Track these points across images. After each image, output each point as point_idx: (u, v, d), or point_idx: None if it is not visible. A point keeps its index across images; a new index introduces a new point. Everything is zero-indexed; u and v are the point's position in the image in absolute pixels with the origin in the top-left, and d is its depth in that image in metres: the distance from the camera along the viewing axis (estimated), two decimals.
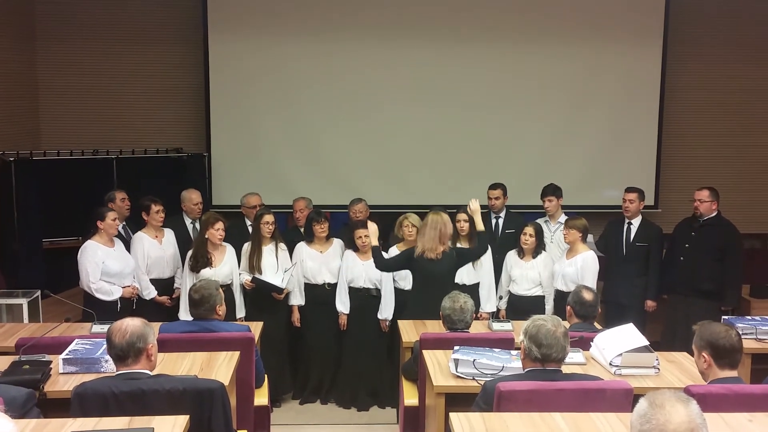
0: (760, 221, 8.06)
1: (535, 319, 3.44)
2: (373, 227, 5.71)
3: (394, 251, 6.03)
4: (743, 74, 8.12)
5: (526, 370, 3.47)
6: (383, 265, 5.71)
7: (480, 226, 5.73)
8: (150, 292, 5.99)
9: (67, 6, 7.81)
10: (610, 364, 4.08)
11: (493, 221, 6.71)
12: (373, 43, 7.81)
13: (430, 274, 5.46)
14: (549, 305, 6.09)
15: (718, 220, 6.33)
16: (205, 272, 5.73)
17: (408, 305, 5.73)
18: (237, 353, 4.16)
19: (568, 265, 5.96)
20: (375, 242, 5.66)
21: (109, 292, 5.65)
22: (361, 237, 5.96)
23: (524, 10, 7.80)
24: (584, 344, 4.31)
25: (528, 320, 3.50)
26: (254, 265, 5.96)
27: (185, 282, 5.84)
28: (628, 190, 6.54)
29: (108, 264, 5.64)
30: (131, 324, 3.30)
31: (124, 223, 6.33)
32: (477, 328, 5.02)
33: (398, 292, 6.03)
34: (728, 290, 6.30)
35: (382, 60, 7.82)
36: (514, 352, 4.02)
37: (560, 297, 5.81)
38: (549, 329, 3.37)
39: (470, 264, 5.99)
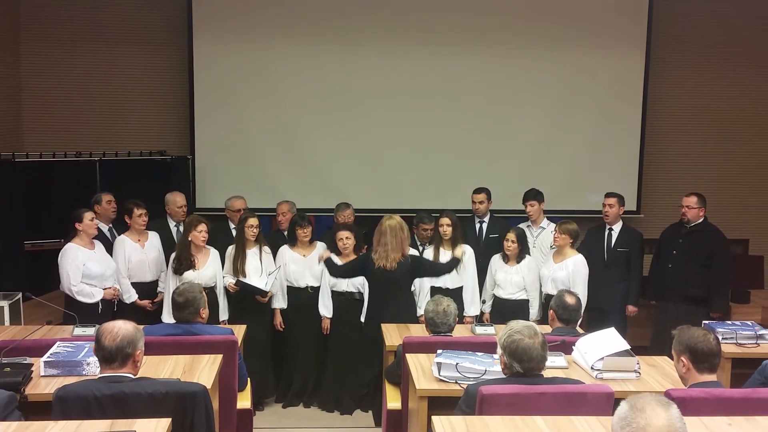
0: (742, 227, 8.12)
1: (512, 333, 3.40)
2: (322, 247, 5.86)
3: None
4: (726, 80, 8.20)
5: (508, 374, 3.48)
6: (336, 272, 5.78)
7: (458, 255, 5.76)
8: (131, 296, 5.96)
9: (52, 8, 7.78)
10: (592, 368, 4.10)
11: (477, 225, 6.74)
12: (358, 47, 7.82)
13: (383, 281, 5.53)
14: (533, 309, 6.12)
15: (705, 227, 6.38)
16: (188, 275, 5.72)
17: (366, 308, 5.80)
18: (220, 356, 4.15)
19: (559, 268, 5.98)
20: (327, 255, 5.76)
21: (90, 294, 5.62)
22: (342, 239, 5.95)
23: (509, 16, 7.83)
24: (566, 348, 4.33)
25: (503, 331, 3.48)
26: (238, 269, 5.95)
27: (168, 285, 5.83)
28: (608, 195, 6.59)
29: (89, 266, 5.62)
30: (123, 328, 3.27)
31: (110, 225, 6.32)
32: (460, 332, 5.04)
33: None
34: (716, 296, 6.35)
35: (367, 64, 7.83)
36: (496, 356, 4.02)
37: (549, 301, 5.82)
38: (527, 344, 3.35)
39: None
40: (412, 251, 5.86)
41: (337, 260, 5.82)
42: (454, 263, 5.72)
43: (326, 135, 7.89)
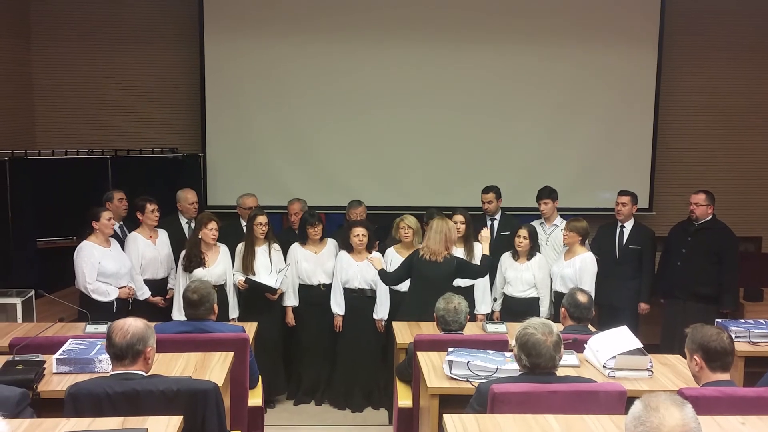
0: (754, 224, 8.08)
1: (527, 327, 3.42)
2: (377, 257, 5.78)
3: (391, 253, 6.03)
4: (738, 77, 8.14)
5: (520, 372, 3.48)
6: (390, 280, 5.70)
7: (486, 251, 5.73)
8: (144, 293, 5.98)
9: (63, 5, 7.79)
10: (604, 366, 4.08)
11: (488, 223, 6.71)
12: (368, 44, 7.81)
13: (427, 275, 5.45)
14: (544, 307, 6.10)
15: (713, 224, 6.35)
16: (198, 272, 5.73)
17: (403, 306, 5.74)
18: (231, 354, 4.16)
19: (567, 266, 5.98)
20: (379, 267, 5.69)
21: (105, 293, 5.64)
22: (358, 235, 5.95)
23: (519, 11, 7.80)
24: (578, 346, 4.32)
25: (521, 324, 3.49)
26: (248, 266, 5.96)
27: (178, 282, 5.85)
28: (621, 193, 6.56)
29: (104, 264, 5.63)
30: (133, 325, 3.29)
31: (121, 222, 6.33)
32: (471, 330, 5.03)
33: (393, 293, 6.01)
34: (726, 294, 6.32)
35: (377, 61, 7.82)
36: (508, 354, 4.03)
37: (559, 298, 5.82)
38: (538, 339, 3.35)
39: None
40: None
41: (382, 266, 5.75)
42: (488, 261, 5.71)
43: (336, 133, 7.89)
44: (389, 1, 7.78)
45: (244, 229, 6.34)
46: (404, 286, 5.84)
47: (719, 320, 5.21)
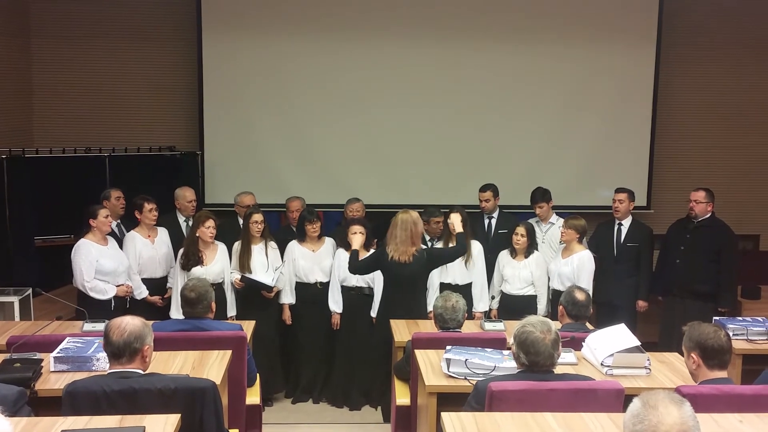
0: (752, 222, 8.08)
1: (525, 324, 3.41)
2: (331, 243, 5.79)
3: None
4: (736, 76, 8.14)
5: (518, 370, 3.48)
6: (354, 267, 5.64)
7: (459, 230, 5.67)
8: (141, 292, 5.97)
9: (62, 3, 7.78)
10: (602, 364, 4.09)
11: (486, 221, 6.72)
12: (367, 42, 7.80)
13: (399, 276, 5.44)
14: (541, 305, 6.11)
15: (712, 222, 6.34)
16: (196, 270, 5.72)
17: (381, 305, 5.74)
18: (229, 352, 4.16)
19: (564, 264, 5.98)
20: (357, 246, 5.65)
21: (103, 291, 5.63)
22: (356, 233, 5.94)
23: (518, 11, 7.79)
24: (576, 344, 4.32)
25: (519, 322, 3.49)
26: (244, 264, 5.96)
27: (176, 281, 5.84)
28: (618, 190, 6.57)
29: (102, 263, 5.62)
30: (131, 323, 3.29)
31: (118, 221, 6.32)
32: (469, 328, 5.03)
33: None
34: (724, 292, 6.31)
35: (376, 60, 7.81)
36: (506, 352, 4.02)
37: (556, 296, 5.82)
38: (537, 337, 3.35)
39: (463, 264, 6.01)
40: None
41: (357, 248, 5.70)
42: (461, 238, 5.67)
43: (335, 131, 7.88)
44: (389, 0, 7.77)
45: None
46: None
47: (717, 318, 5.21)
